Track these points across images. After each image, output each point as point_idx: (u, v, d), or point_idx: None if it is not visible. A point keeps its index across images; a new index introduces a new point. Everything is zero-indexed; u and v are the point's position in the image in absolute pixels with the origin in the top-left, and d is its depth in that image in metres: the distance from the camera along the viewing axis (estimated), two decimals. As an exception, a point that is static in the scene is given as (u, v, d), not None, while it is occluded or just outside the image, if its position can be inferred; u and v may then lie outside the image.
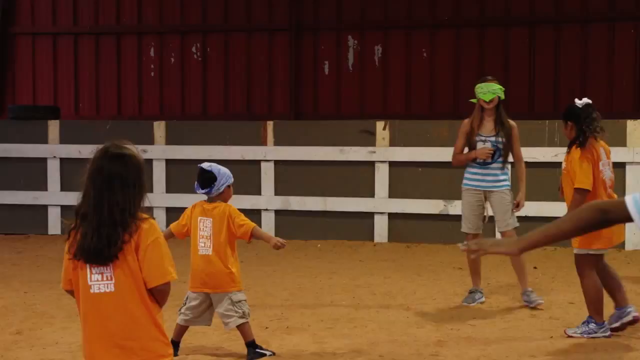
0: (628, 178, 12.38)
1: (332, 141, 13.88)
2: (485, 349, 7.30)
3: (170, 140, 14.57)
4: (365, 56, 16.13)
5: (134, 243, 4.08)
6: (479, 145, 8.97)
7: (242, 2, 16.66)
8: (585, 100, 7.72)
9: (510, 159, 9.09)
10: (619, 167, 11.30)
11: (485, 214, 9.10)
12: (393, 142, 13.59)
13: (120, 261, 4.08)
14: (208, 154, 13.45)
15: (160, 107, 16.93)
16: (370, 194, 13.66)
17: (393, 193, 13.56)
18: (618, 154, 12.34)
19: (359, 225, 13.69)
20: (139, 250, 4.08)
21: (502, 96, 9.01)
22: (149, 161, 14.21)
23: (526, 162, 9.32)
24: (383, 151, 13.58)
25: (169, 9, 16.96)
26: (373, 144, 13.67)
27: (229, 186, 7.09)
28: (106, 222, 4.05)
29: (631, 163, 12.41)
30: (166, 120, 15.15)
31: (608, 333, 7.56)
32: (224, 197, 7.07)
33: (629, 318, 7.63)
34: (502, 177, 8.98)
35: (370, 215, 13.67)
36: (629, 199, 2.98)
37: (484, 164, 8.93)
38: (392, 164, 13.56)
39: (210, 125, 14.88)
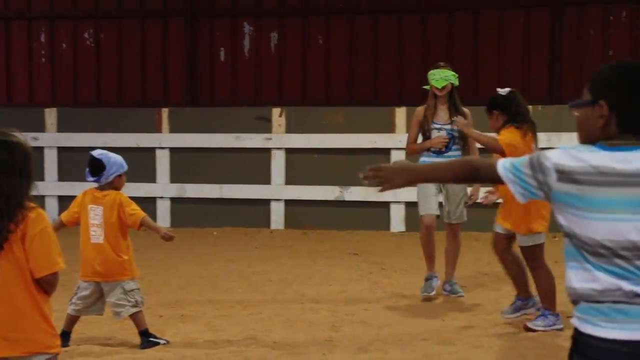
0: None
1: (228, 128, 13.83)
2: (379, 333, 7.38)
3: (62, 127, 14.33)
4: (261, 43, 16.07)
5: (20, 233, 3.99)
6: (434, 133, 8.65)
7: (135, -13, 16.42)
8: (508, 89, 7.65)
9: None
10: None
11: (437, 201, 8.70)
12: (289, 129, 13.61)
13: (5, 251, 3.98)
14: (102, 141, 13.26)
15: (51, 94, 16.58)
16: (267, 180, 13.66)
17: (289, 180, 13.59)
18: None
19: (255, 212, 13.69)
20: (26, 240, 3.99)
21: (456, 83, 8.73)
22: (40, 149, 13.96)
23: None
24: (279, 138, 13.59)
25: (60, -6, 16.60)
26: (269, 130, 13.66)
27: (120, 175, 7.01)
28: None
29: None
30: (58, 107, 14.88)
31: (562, 325, 7.28)
32: (114, 185, 7.01)
33: (532, 310, 7.57)
34: None
35: (266, 202, 13.67)
36: (500, 163, 3.24)
37: (439, 153, 8.57)
38: (288, 151, 13.59)
39: (104, 112, 14.67)
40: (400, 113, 13.30)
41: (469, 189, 8.79)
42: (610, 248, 3.00)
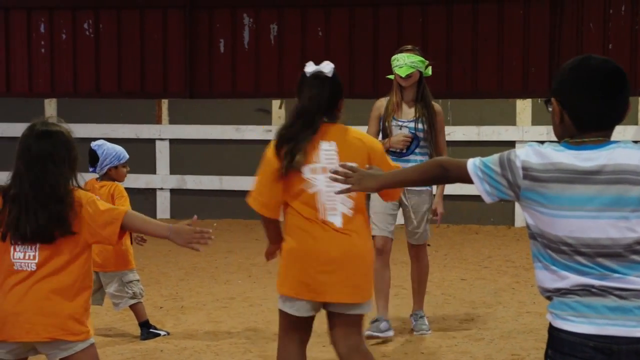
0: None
1: (228, 120, 13.82)
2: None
3: (62, 118, 14.28)
4: (261, 35, 16.06)
5: (74, 215, 4.06)
6: (395, 131, 7.11)
7: (135, -22, 16.39)
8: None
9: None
10: (509, 145, 11.51)
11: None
12: (289, 121, 13.57)
13: (57, 243, 4.05)
14: (101, 132, 13.25)
15: (51, 85, 16.56)
16: (266, 172, 13.62)
17: (289, 171, 13.55)
18: (508, 133, 12.64)
19: (254, 204, 13.64)
20: (82, 219, 4.07)
21: (428, 72, 7.17)
22: (40, 140, 13.96)
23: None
24: (279, 130, 13.55)
25: (59, -16, 16.57)
26: (269, 122, 13.65)
27: (116, 167, 7.02)
28: (41, 200, 4.03)
29: (520, 141, 12.68)
30: (58, 97, 14.87)
31: None
32: (111, 177, 7.03)
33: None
34: None
35: (266, 194, 13.63)
36: (470, 161, 3.22)
37: (400, 155, 7.02)
38: (288, 143, 13.54)
39: (104, 103, 14.66)
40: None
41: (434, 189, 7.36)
42: (572, 245, 3.05)
